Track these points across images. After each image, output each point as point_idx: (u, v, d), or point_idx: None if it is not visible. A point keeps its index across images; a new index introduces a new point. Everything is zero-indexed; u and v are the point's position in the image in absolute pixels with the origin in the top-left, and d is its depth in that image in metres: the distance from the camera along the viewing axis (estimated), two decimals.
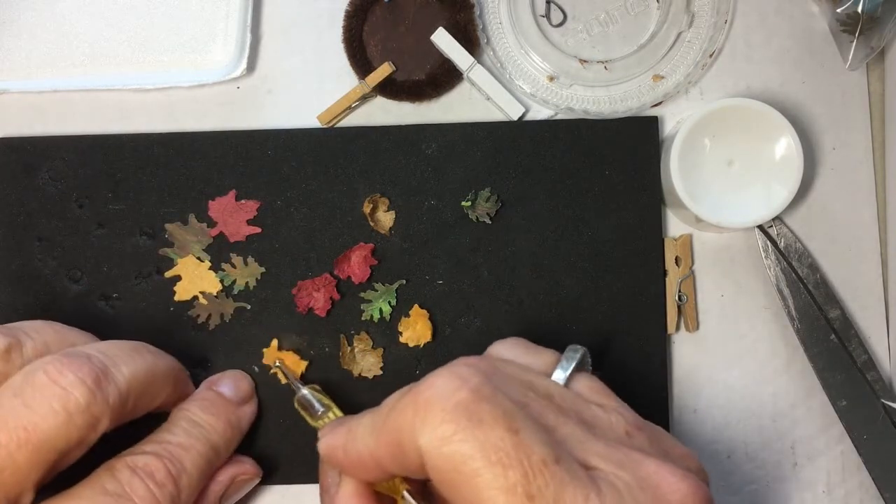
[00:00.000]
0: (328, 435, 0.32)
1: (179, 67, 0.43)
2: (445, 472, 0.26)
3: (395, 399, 0.29)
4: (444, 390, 0.27)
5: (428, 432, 0.27)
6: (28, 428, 0.29)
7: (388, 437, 0.28)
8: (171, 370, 0.37)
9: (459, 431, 0.26)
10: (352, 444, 0.30)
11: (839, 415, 0.41)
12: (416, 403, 0.27)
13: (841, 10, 0.42)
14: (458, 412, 0.26)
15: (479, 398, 0.27)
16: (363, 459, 0.30)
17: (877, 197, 0.44)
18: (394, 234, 0.42)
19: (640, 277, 0.42)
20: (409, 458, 0.27)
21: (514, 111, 0.43)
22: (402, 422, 0.27)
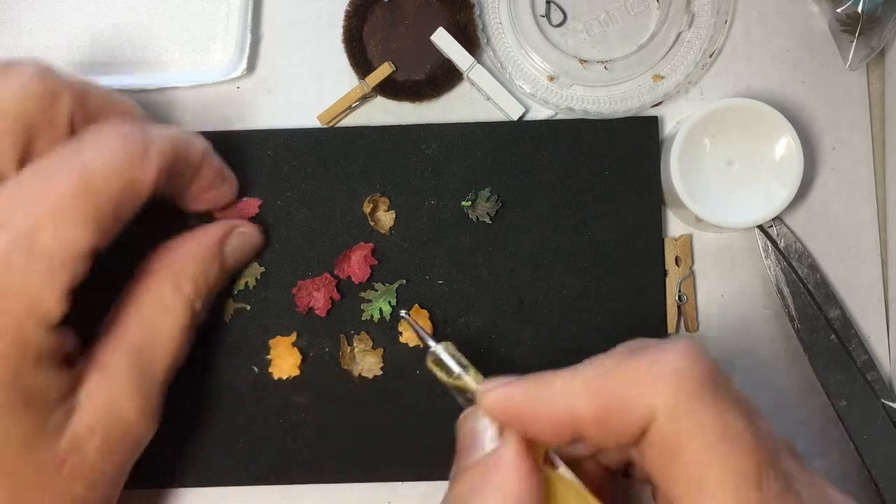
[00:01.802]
0: (505, 387, 0.29)
1: (179, 67, 0.43)
2: (675, 442, 0.26)
3: (617, 358, 0.28)
4: (687, 360, 0.27)
5: (667, 398, 0.26)
6: (83, 170, 0.30)
7: (608, 394, 0.27)
8: (204, 148, 0.37)
9: (701, 405, 0.26)
10: (545, 398, 0.28)
11: (839, 415, 0.41)
12: (653, 365, 0.27)
13: (841, 10, 0.42)
14: (702, 385, 0.26)
15: (720, 377, 0.27)
16: (556, 415, 0.28)
17: (877, 197, 0.44)
18: (394, 233, 0.42)
19: (640, 277, 0.42)
20: (630, 420, 0.26)
21: (514, 111, 0.43)
22: (635, 382, 0.27)
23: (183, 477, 0.41)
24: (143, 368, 0.34)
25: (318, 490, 0.42)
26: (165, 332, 0.35)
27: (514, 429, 0.29)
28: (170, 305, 0.35)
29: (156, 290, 0.35)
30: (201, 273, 0.37)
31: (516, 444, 0.29)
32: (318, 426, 0.41)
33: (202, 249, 0.37)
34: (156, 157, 0.32)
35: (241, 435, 0.41)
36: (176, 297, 0.35)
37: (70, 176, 0.30)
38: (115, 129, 0.32)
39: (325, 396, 0.41)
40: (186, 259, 0.37)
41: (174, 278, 0.36)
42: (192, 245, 0.37)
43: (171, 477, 0.41)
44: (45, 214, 0.29)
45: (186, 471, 0.41)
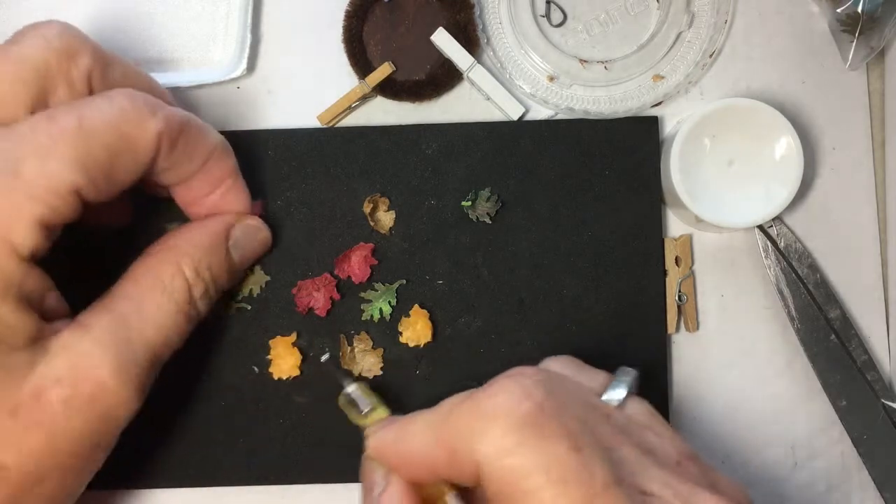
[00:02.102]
0: (379, 431, 0.32)
1: (179, 67, 0.43)
2: (503, 485, 0.26)
3: (455, 402, 0.29)
4: (509, 401, 0.27)
5: (489, 442, 0.26)
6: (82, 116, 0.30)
7: (445, 440, 0.28)
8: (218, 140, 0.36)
9: (522, 445, 0.26)
10: (405, 442, 0.30)
11: (839, 415, 0.41)
12: (478, 411, 0.27)
13: (841, 10, 0.42)
14: (522, 425, 0.26)
15: (544, 413, 0.27)
16: (415, 459, 0.30)
17: (877, 197, 0.44)
18: (394, 233, 0.42)
19: (640, 277, 0.42)
20: (465, 464, 0.27)
21: (514, 111, 0.43)
22: (462, 427, 0.27)
23: (183, 477, 0.41)
24: (126, 336, 0.33)
25: (318, 490, 0.42)
26: (158, 310, 0.34)
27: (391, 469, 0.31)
28: (167, 285, 0.35)
29: (155, 269, 0.35)
30: (203, 260, 0.36)
31: (396, 486, 0.31)
32: (318, 426, 0.41)
33: (207, 236, 0.37)
34: (160, 123, 0.32)
35: (241, 435, 0.41)
36: (175, 279, 0.35)
37: (68, 118, 0.30)
38: (126, 90, 0.33)
39: (325, 396, 0.41)
40: (190, 243, 0.36)
41: (175, 260, 0.35)
42: (196, 230, 0.37)
43: (172, 477, 0.41)
44: (33, 146, 0.30)
45: (187, 471, 0.41)
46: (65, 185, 0.30)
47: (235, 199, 0.38)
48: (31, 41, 0.32)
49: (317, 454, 0.41)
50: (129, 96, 0.32)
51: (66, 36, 0.33)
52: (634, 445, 0.28)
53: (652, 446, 0.29)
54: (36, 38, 0.32)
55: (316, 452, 0.41)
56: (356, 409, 0.36)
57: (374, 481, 0.32)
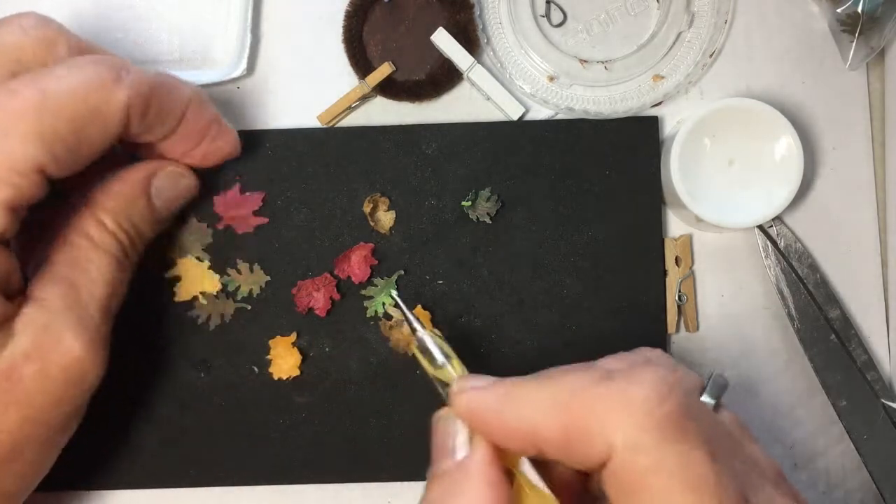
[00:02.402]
0: (474, 391, 0.29)
1: (179, 67, 0.43)
2: (635, 480, 0.25)
3: (584, 379, 0.27)
4: (654, 395, 0.26)
5: (630, 433, 0.25)
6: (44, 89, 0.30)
7: (572, 420, 0.26)
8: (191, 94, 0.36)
9: (664, 444, 0.25)
10: (511, 410, 0.28)
11: (839, 415, 0.41)
12: (621, 398, 0.26)
13: (841, 10, 0.42)
14: (667, 423, 0.25)
15: (687, 413, 0.26)
16: (520, 430, 0.28)
17: (877, 197, 0.44)
18: (394, 233, 0.42)
19: (640, 277, 0.42)
20: (591, 450, 0.26)
21: (514, 111, 0.43)
22: (598, 413, 0.26)
23: (183, 477, 0.41)
24: (78, 301, 0.33)
25: (318, 490, 0.42)
26: (96, 267, 0.34)
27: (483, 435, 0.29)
28: (97, 240, 0.35)
29: (80, 227, 0.34)
30: (124, 210, 0.36)
31: (485, 452, 0.29)
32: (318, 426, 0.41)
33: (125, 186, 0.36)
34: (126, 89, 0.31)
35: (241, 435, 0.41)
36: (101, 233, 0.35)
37: (29, 92, 0.30)
38: (91, 57, 0.32)
39: (326, 396, 0.41)
40: (108, 195, 0.35)
41: (96, 214, 0.35)
42: (114, 181, 0.36)
43: (172, 477, 0.41)
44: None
45: (187, 471, 0.41)
46: (28, 163, 0.29)
47: (224, 145, 0.38)
48: (8, 29, 0.32)
49: (317, 454, 0.41)
50: (93, 62, 0.31)
51: (43, 26, 0.33)
52: (743, 457, 0.28)
53: (757, 459, 0.28)
54: (13, 27, 0.32)
55: (316, 452, 0.41)
56: (429, 357, 0.33)
57: (456, 444, 0.30)
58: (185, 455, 0.41)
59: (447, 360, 0.32)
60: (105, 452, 0.41)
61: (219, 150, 0.38)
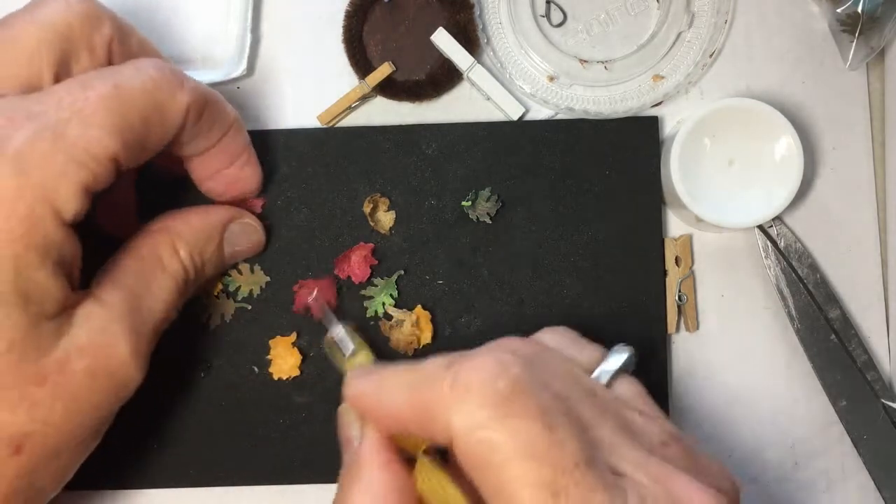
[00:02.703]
0: (358, 379, 0.32)
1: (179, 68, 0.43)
2: (473, 456, 0.26)
3: (435, 367, 0.29)
4: (485, 374, 0.27)
5: (462, 414, 0.26)
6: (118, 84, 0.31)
7: (421, 402, 0.28)
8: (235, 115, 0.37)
9: (494, 420, 0.26)
10: (380, 395, 0.30)
11: (839, 415, 0.41)
12: (455, 381, 0.27)
13: (841, 10, 0.42)
14: (496, 400, 0.26)
15: (519, 389, 0.27)
16: (391, 413, 0.30)
17: (877, 197, 0.44)
18: (394, 233, 0.42)
19: (640, 277, 0.42)
20: (438, 429, 0.27)
21: (514, 111, 0.43)
22: (438, 394, 0.27)
23: (183, 477, 0.41)
24: (138, 311, 0.34)
25: (318, 490, 0.42)
26: (160, 286, 0.35)
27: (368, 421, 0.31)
28: (167, 264, 0.36)
29: (155, 247, 0.36)
30: (198, 245, 0.37)
31: (375, 438, 0.31)
32: (318, 426, 0.41)
33: (204, 222, 0.38)
34: (188, 94, 0.33)
35: (241, 435, 0.41)
36: (172, 258, 0.36)
37: (104, 85, 0.31)
38: (153, 60, 0.33)
39: (325, 396, 0.41)
40: (188, 226, 0.37)
41: (173, 242, 0.36)
42: (195, 215, 0.38)
43: (172, 477, 0.41)
44: (74, 112, 0.30)
45: (187, 471, 0.41)
46: (106, 151, 0.30)
47: (251, 174, 0.39)
48: (54, 4, 0.32)
49: (317, 454, 0.41)
50: (157, 66, 0.33)
51: (87, 2, 0.33)
52: (615, 425, 0.28)
53: (634, 426, 0.29)
54: (59, 3, 0.32)
55: (316, 452, 0.41)
56: (340, 352, 0.35)
57: (352, 433, 0.32)
58: (185, 455, 0.41)
59: (352, 354, 0.35)
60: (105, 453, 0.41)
61: (244, 179, 0.39)
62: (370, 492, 0.29)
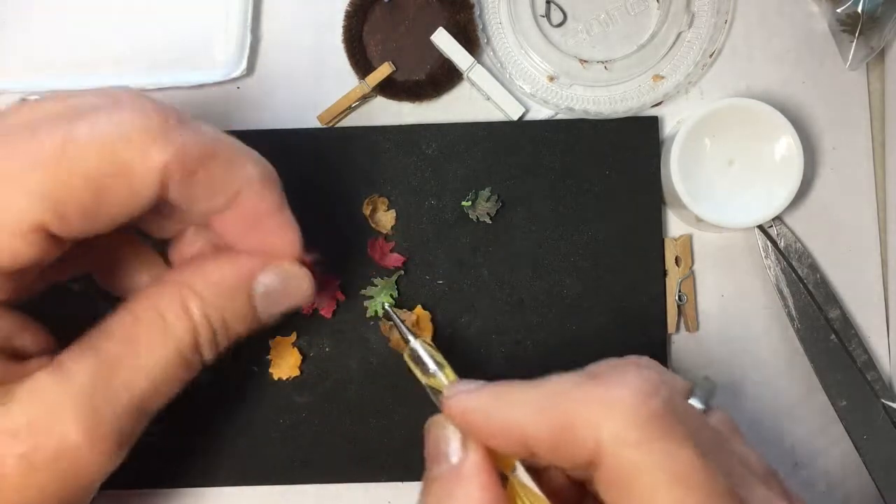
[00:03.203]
0: (465, 395, 0.29)
1: (179, 68, 0.43)
2: (622, 477, 0.25)
3: (569, 383, 0.27)
4: (639, 393, 0.26)
5: (615, 430, 0.25)
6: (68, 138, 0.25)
7: (558, 420, 0.26)
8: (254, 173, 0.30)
9: (651, 441, 0.25)
10: (501, 411, 0.28)
11: (839, 415, 0.41)
12: (605, 396, 0.26)
13: (841, 10, 0.42)
14: (652, 419, 0.25)
15: (673, 412, 0.26)
16: (510, 430, 0.27)
17: (877, 197, 0.44)
18: (394, 233, 0.42)
19: (640, 277, 0.42)
20: (578, 449, 0.26)
21: (514, 111, 0.43)
22: (584, 411, 0.26)
23: (183, 477, 0.41)
24: (110, 385, 0.28)
25: (318, 490, 0.42)
26: (152, 354, 0.29)
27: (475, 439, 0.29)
28: (169, 326, 0.29)
29: (157, 305, 0.29)
30: (217, 301, 0.30)
31: (478, 456, 0.28)
32: (318, 426, 0.41)
33: (225, 274, 0.31)
34: (168, 150, 0.26)
35: (241, 435, 0.41)
36: (179, 320, 0.29)
37: (50, 138, 0.25)
38: (139, 100, 0.27)
39: (325, 396, 0.41)
40: (205, 280, 0.30)
41: (183, 298, 0.30)
42: (214, 266, 0.31)
43: (172, 477, 0.41)
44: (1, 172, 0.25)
45: (187, 471, 0.41)
46: (24, 222, 0.25)
47: (280, 243, 0.31)
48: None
49: (317, 454, 0.41)
50: (136, 109, 0.27)
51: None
52: (733, 455, 0.28)
53: (747, 458, 0.28)
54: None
55: (316, 452, 0.41)
56: (421, 366, 0.33)
57: (449, 449, 0.29)
58: (186, 455, 0.41)
59: (439, 369, 0.33)
60: None
61: (274, 248, 0.31)
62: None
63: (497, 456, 0.29)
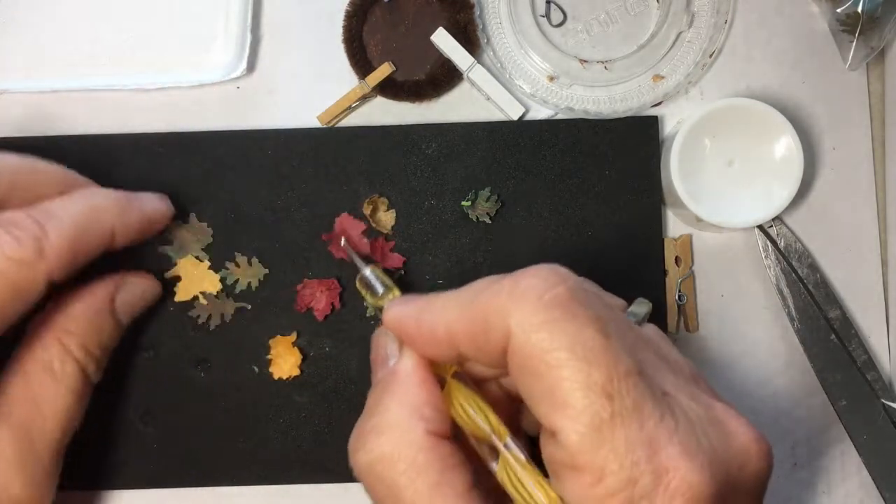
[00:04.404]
0: (400, 305, 0.32)
1: (179, 67, 0.43)
2: (528, 358, 0.26)
3: (487, 282, 0.29)
4: (545, 282, 0.27)
5: (521, 316, 0.27)
6: None
7: (475, 313, 0.28)
8: (114, 217, 0.35)
9: (553, 321, 0.26)
10: (428, 315, 0.30)
11: (839, 415, 0.41)
12: (513, 287, 0.27)
13: (841, 10, 0.42)
14: (555, 303, 0.27)
15: (576, 297, 0.27)
16: (436, 333, 0.30)
17: (877, 197, 0.44)
18: (394, 233, 0.42)
19: (640, 277, 0.42)
20: (492, 338, 0.27)
21: (514, 111, 0.43)
22: (496, 302, 0.27)
23: (183, 477, 0.41)
24: (30, 444, 0.33)
25: (318, 490, 0.42)
26: (54, 403, 0.34)
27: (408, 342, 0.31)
28: (58, 374, 0.34)
29: (42, 358, 0.34)
30: (92, 335, 0.36)
31: (412, 357, 0.31)
32: (318, 426, 0.41)
33: (91, 309, 0.36)
34: (48, 260, 0.32)
35: (241, 435, 0.41)
36: (65, 364, 0.34)
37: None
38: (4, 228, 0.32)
39: (325, 396, 0.41)
40: (73, 320, 0.35)
41: (61, 344, 0.35)
42: (79, 305, 0.36)
43: (172, 477, 0.41)
44: None
45: (187, 471, 0.41)
46: None
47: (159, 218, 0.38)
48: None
49: (317, 454, 0.41)
50: (12, 241, 0.31)
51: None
52: (654, 353, 0.29)
53: (670, 358, 0.29)
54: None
55: (316, 452, 0.41)
56: (372, 291, 0.36)
57: (388, 353, 0.32)
58: (185, 455, 0.41)
59: (387, 291, 0.35)
60: (105, 452, 0.41)
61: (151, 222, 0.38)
62: (407, 403, 0.30)
63: (434, 364, 0.31)
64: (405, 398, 0.30)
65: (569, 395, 0.25)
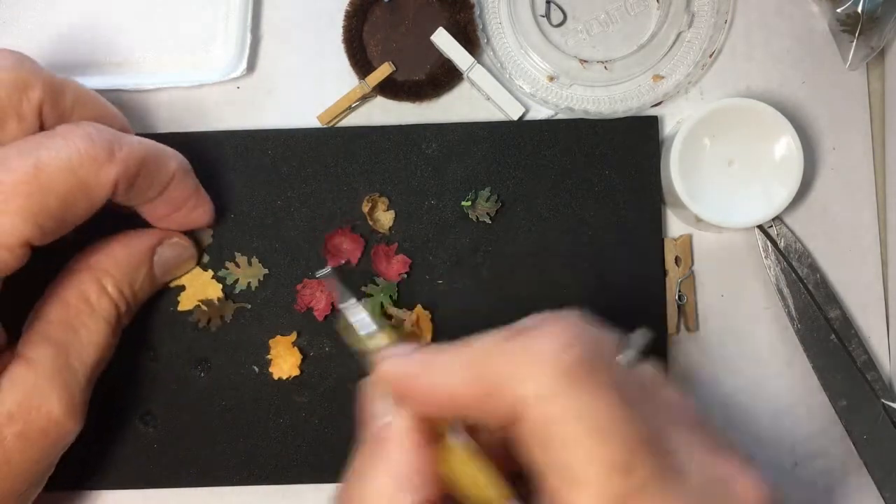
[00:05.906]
0: (399, 360, 0.30)
1: (179, 67, 0.43)
2: (541, 429, 0.26)
3: (494, 342, 0.28)
4: (558, 343, 0.26)
5: (534, 385, 0.26)
6: (38, 165, 0.30)
7: (485, 377, 0.27)
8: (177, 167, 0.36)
9: (567, 393, 0.25)
10: (430, 375, 0.28)
11: (839, 415, 0.41)
12: (524, 350, 0.27)
13: (841, 10, 0.42)
14: (570, 371, 0.26)
15: (593, 362, 0.26)
16: (438, 393, 0.28)
17: (877, 197, 0.44)
18: (393, 233, 0.42)
19: (640, 277, 0.42)
20: (502, 405, 0.26)
21: (514, 111, 0.43)
22: (507, 369, 0.27)
23: (183, 477, 0.41)
24: (68, 364, 0.34)
25: (318, 490, 0.42)
26: (90, 332, 0.35)
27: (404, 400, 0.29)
28: (94, 306, 0.35)
29: (80, 290, 0.35)
30: (126, 277, 0.37)
31: (407, 418, 0.29)
32: (318, 426, 0.41)
33: (130, 254, 0.37)
34: (118, 164, 0.32)
35: (241, 435, 0.41)
36: (101, 299, 0.36)
37: (23, 166, 0.30)
38: (83, 128, 0.32)
39: (325, 396, 0.41)
40: (113, 261, 0.36)
41: (99, 279, 0.36)
42: (119, 248, 0.37)
43: (172, 477, 0.41)
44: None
45: (187, 471, 0.41)
46: (16, 239, 0.30)
47: (201, 216, 0.39)
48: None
49: (317, 454, 0.41)
50: (87, 138, 0.32)
51: (18, 69, 0.32)
52: (658, 403, 0.28)
53: (671, 403, 0.29)
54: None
55: (316, 452, 0.41)
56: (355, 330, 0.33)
57: (377, 411, 0.30)
58: (185, 455, 0.41)
59: (376, 332, 0.32)
60: (105, 452, 0.41)
61: (195, 220, 0.39)
62: (396, 473, 0.28)
63: (431, 420, 0.29)
64: (395, 467, 0.28)
65: (584, 471, 0.25)
